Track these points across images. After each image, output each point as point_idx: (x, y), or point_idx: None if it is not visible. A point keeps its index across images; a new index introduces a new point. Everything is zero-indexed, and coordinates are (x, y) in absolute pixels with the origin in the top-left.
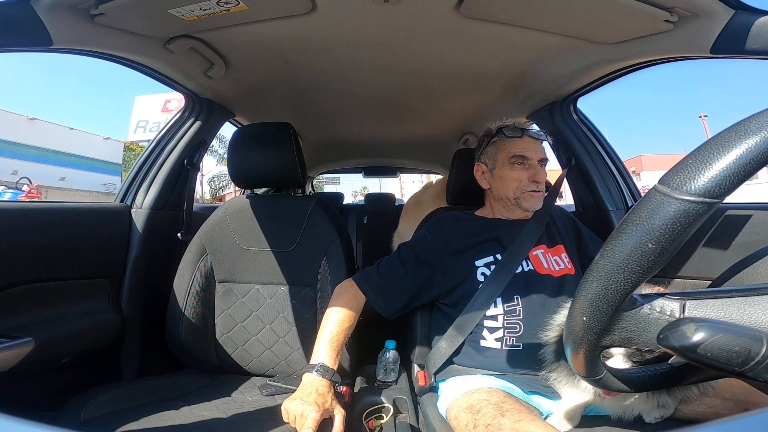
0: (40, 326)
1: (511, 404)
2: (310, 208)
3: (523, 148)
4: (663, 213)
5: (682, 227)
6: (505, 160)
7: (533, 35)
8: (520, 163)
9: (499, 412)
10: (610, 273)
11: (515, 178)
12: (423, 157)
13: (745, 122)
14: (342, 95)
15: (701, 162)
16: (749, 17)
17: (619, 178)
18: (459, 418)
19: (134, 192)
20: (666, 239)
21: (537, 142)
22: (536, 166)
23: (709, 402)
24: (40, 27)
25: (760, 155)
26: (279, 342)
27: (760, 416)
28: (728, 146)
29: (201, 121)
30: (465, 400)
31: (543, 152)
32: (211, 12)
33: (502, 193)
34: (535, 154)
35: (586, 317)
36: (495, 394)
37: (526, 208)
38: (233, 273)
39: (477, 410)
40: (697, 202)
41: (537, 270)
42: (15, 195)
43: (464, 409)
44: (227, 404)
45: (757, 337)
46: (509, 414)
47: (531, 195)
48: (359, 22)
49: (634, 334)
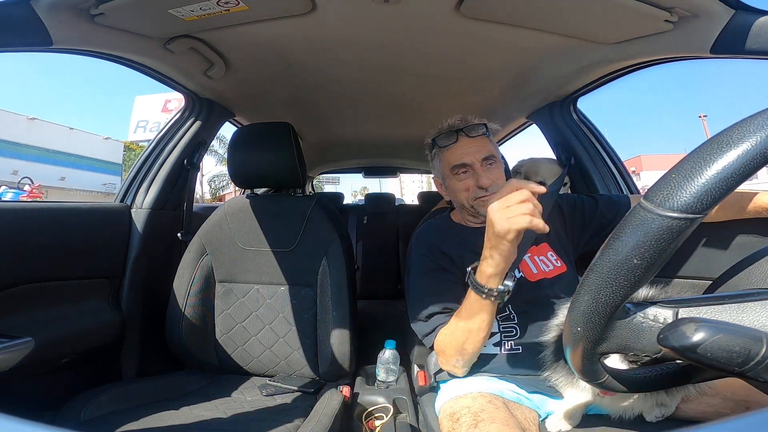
0: (40, 326)
1: (489, 413)
2: (310, 208)
3: (459, 155)
4: (646, 229)
5: (666, 243)
6: (449, 172)
7: (533, 35)
8: (464, 171)
9: (473, 423)
10: (599, 287)
11: (463, 188)
12: (423, 157)
13: (727, 132)
14: (342, 95)
15: (683, 176)
16: (749, 17)
17: (619, 178)
18: (442, 424)
19: (134, 192)
20: (651, 255)
21: (476, 141)
22: (479, 169)
23: (709, 401)
24: (40, 27)
25: (742, 168)
26: (279, 342)
27: (760, 416)
28: (710, 159)
29: (201, 121)
30: (450, 406)
31: (485, 149)
32: (211, 12)
33: (458, 203)
34: (476, 155)
35: (580, 328)
36: (478, 401)
37: (483, 214)
38: (233, 273)
39: (456, 419)
40: (680, 218)
41: (528, 278)
42: (17, 195)
43: (447, 416)
44: (227, 404)
45: (757, 337)
46: (482, 425)
47: (483, 201)
48: (359, 22)
49: (629, 341)
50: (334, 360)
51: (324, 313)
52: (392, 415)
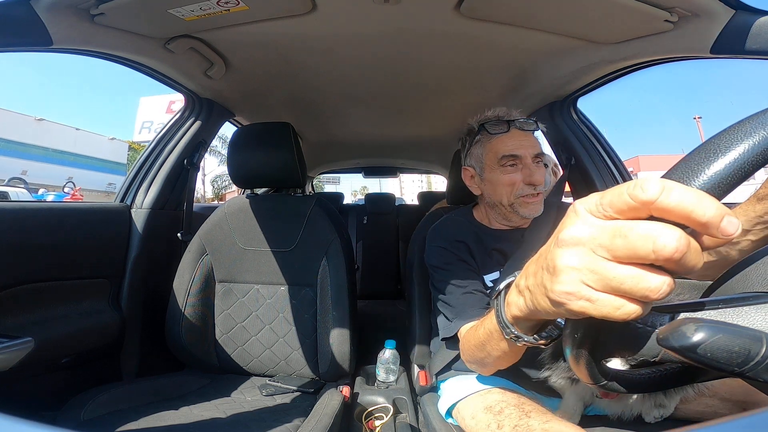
0: (40, 326)
1: (532, 405)
2: (310, 208)
3: (512, 146)
4: None
5: None
6: (494, 162)
7: (533, 35)
8: (512, 164)
9: (523, 413)
10: None
11: (508, 182)
12: (423, 157)
13: (694, 153)
14: (342, 95)
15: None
16: (749, 17)
17: (619, 179)
18: (478, 418)
19: (134, 192)
20: None
21: (528, 135)
22: (531, 165)
23: (707, 402)
24: (40, 27)
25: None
26: (279, 342)
27: (760, 416)
28: (707, 160)
29: (201, 121)
30: (480, 400)
31: (537, 146)
32: (211, 12)
33: (495, 199)
34: (529, 150)
35: (577, 335)
36: (509, 394)
37: (523, 215)
38: (233, 273)
39: (498, 411)
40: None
41: None
42: (58, 197)
43: (483, 410)
44: (227, 404)
45: (757, 338)
46: (534, 415)
47: (527, 201)
48: (359, 22)
49: (626, 346)
50: (334, 360)
51: (324, 313)
52: (392, 415)
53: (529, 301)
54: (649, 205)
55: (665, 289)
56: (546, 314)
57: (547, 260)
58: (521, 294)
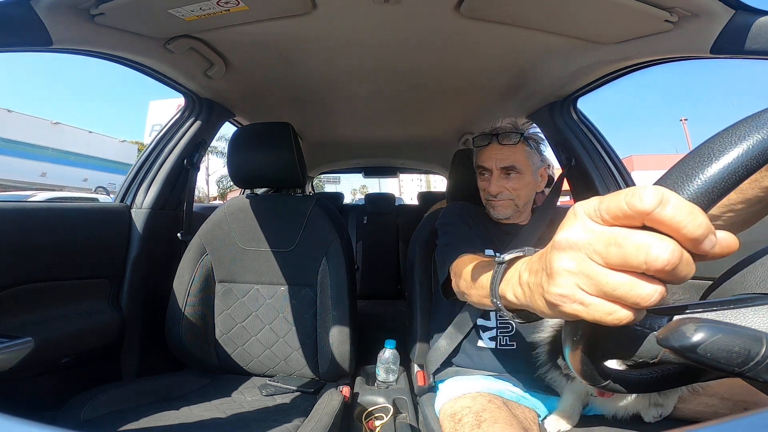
0: (40, 326)
1: (491, 412)
2: (310, 208)
3: (484, 159)
4: None
5: None
6: (476, 170)
7: (533, 35)
8: (482, 173)
9: (476, 423)
10: None
11: (480, 188)
12: (423, 157)
13: (689, 158)
14: (342, 95)
15: (683, 175)
16: (749, 17)
17: (619, 179)
18: (444, 425)
19: (134, 192)
20: None
21: (503, 148)
22: (493, 176)
23: (707, 401)
24: (40, 27)
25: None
26: (279, 342)
27: (760, 416)
28: (705, 162)
29: (201, 121)
30: (450, 406)
31: (510, 159)
32: (211, 12)
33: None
34: (496, 162)
35: (575, 337)
36: (479, 401)
37: (492, 216)
38: (233, 273)
39: (458, 420)
40: None
41: None
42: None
43: (448, 417)
44: (227, 404)
45: (757, 338)
46: (485, 425)
47: (491, 204)
48: (359, 22)
49: (624, 348)
50: (334, 360)
51: (324, 313)
52: (392, 415)
53: (526, 297)
54: (644, 216)
55: (656, 298)
56: (540, 313)
57: (546, 261)
58: (521, 286)
